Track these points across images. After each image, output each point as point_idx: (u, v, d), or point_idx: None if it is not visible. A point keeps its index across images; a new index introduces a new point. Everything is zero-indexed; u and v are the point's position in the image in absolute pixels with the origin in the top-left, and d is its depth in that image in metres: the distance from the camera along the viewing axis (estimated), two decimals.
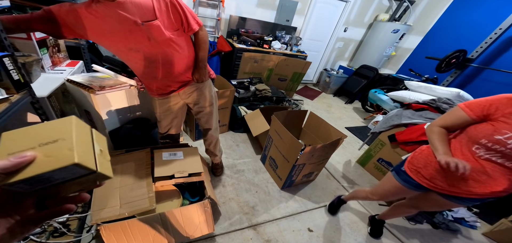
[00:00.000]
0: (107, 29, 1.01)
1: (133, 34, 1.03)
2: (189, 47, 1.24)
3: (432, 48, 4.11)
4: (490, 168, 0.95)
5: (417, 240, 1.79)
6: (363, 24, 4.71)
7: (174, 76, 1.25)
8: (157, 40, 1.06)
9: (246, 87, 2.92)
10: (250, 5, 3.68)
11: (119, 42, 1.06)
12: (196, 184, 1.54)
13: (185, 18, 1.11)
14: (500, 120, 0.91)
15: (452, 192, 1.07)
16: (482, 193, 0.99)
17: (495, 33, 3.12)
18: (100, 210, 1.06)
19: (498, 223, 1.91)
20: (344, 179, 2.35)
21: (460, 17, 3.81)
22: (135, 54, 1.11)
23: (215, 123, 1.63)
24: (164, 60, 1.15)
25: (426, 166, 1.14)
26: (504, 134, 0.88)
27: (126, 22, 0.99)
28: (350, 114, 4.10)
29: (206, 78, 1.38)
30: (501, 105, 0.91)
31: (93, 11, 0.97)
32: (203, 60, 1.29)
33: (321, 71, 5.14)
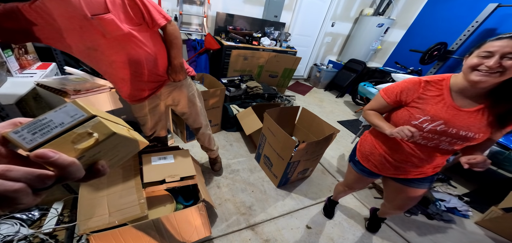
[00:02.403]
0: (58, 28, 0.92)
1: (85, 30, 0.94)
2: (158, 44, 1.15)
3: (415, 41, 4.21)
4: (417, 150, 1.00)
5: (413, 231, 1.81)
6: (350, 19, 4.76)
7: (145, 77, 1.15)
8: (113, 35, 0.96)
9: (237, 85, 2.86)
10: (237, 1, 3.61)
11: (76, 42, 0.97)
12: (190, 187, 1.48)
13: (146, 12, 1.02)
14: (412, 106, 0.96)
15: (399, 174, 1.13)
16: (419, 172, 1.08)
17: (472, 26, 3.24)
18: (88, 220, 0.99)
19: (488, 211, 1.97)
20: (339, 173, 2.35)
21: (440, 11, 3.92)
22: (95, 54, 1.02)
23: (204, 120, 1.58)
24: (129, 59, 1.05)
25: (372, 153, 1.19)
26: (418, 119, 0.93)
27: (74, 17, 0.90)
28: (342, 108, 4.13)
29: (183, 77, 1.28)
30: (409, 91, 0.97)
31: (38, 8, 0.88)
32: (176, 58, 1.20)
33: (311, 66, 5.15)
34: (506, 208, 1.85)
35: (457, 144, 0.92)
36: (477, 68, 0.79)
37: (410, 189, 1.17)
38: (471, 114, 0.87)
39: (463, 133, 0.88)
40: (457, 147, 0.94)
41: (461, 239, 1.80)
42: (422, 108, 0.94)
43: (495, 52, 0.75)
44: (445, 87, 0.91)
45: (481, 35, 3.36)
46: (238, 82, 2.89)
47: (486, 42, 0.79)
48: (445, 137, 0.91)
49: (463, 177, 2.48)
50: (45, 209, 1.15)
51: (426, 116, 0.92)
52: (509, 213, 1.82)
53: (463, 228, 1.93)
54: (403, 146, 1.04)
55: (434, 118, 0.91)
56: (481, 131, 0.86)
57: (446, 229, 1.88)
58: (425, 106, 0.93)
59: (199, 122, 1.55)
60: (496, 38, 0.76)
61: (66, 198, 1.25)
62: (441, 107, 0.90)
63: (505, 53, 0.73)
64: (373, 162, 1.21)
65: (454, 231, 1.88)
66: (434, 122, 0.91)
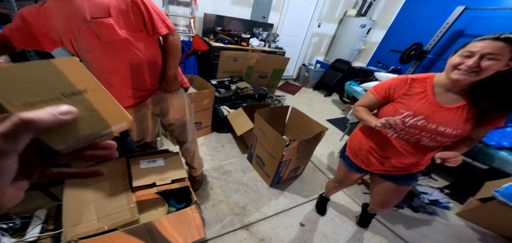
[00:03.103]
0: (58, 29, 0.94)
1: (81, 32, 0.93)
2: (154, 52, 1.12)
3: (395, 41, 4.39)
4: (400, 145, 1.05)
5: (401, 224, 1.87)
6: (335, 20, 4.89)
7: (134, 85, 1.11)
8: (108, 40, 0.95)
9: (227, 87, 2.85)
10: (225, 3, 3.60)
11: (71, 42, 0.97)
12: (182, 190, 1.45)
13: (149, 19, 1.00)
14: (398, 101, 1.02)
15: (385, 170, 1.18)
16: (402, 168, 1.12)
17: (443, 27, 3.44)
18: (75, 226, 0.94)
19: (467, 202, 2.08)
20: (329, 170, 2.40)
21: (415, 12, 4.12)
22: (87, 55, 1.00)
23: (190, 136, 1.49)
24: (119, 65, 1.03)
25: (360, 148, 1.24)
26: (402, 113, 0.99)
27: (75, 18, 0.90)
28: (330, 107, 4.23)
29: (175, 88, 1.23)
30: (396, 87, 1.03)
31: (43, 10, 0.91)
32: (172, 69, 1.16)
33: (300, 66, 5.23)
34: (482, 199, 1.96)
35: (436, 139, 0.96)
36: (457, 67, 0.84)
37: (394, 185, 1.22)
38: (451, 111, 0.91)
39: (442, 129, 0.92)
40: (438, 143, 0.98)
41: (444, 231, 1.89)
42: (406, 104, 0.99)
43: (476, 52, 0.80)
44: (429, 85, 0.96)
45: (452, 37, 3.58)
46: (228, 83, 2.88)
47: (470, 42, 0.84)
48: (425, 131, 0.96)
49: (443, 170, 2.62)
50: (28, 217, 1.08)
51: (409, 111, 0.97)
52: (485, 203, 1.92)
53: (446, 219, 2.02)
54: (388, 141, 1.09)
55: (416, 113, 0.96)
56: (459, 128, 0.90)
57: (430, 221, 1.97)
58: (409, 102, 0.99)
59: (185, 135, 1.47)
60: (479, 39, 0.81)
61: (49, 205, 1.18)
62: (423, 103, 0.96)
63: (485, 54, 0.78)
64: (360, 157, 1.26)
65: (438, 223, 1.97)
66: (416, 116, 0.96)
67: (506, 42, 0.75)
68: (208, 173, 2.01)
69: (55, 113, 0.22)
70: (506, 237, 1.90)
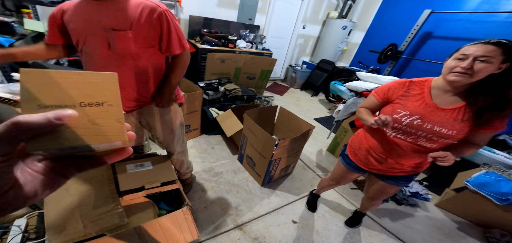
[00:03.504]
0: (73, 28, 0.95)
1: (94, 38, 0.93)
2: (157, 66, 1.09)
3: (373, 42, 4.58)
4: (398, 144, 1.10)
5: (387, 217, 1.95)
6: (318, 21, 5.03)
7: (124, 94, 1.07)
8: (119, 51, 0.95)
9: (215, 88, 2.83)
10: (211, 5, 3.59)
11: (78, 43, 0.98)
12: (172, 193, 1.42)
13: (166, 38, 0.99)
14: (396, 102, 1.08)
15: (382, 170, 1.22)
16: (399, 168, 1.16)
17: (414, 29, 3.65)
18: (58, 234, 0.89)
19: (444, 193, 2.20)
20: (318, 168, 2.45)
21: (390, 15, 4.34)
22: (86, 59, 1.00)
23: (178, 148, 1.45)
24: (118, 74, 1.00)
25: (360, 147, 1.29)
26: (399, 113, 1.04)
27: (95, 25, 0.91)
28: (317, 106, 4.32)
29: (168, 104, 1.18)
30: (395, 89, 1.09)
31: (76, 12, 0.94)
32: (170, 86, 1.13)
33: (287, 67, 5.31)
34: (457, 189, 2.09)
35: (432, 139, 1.00)
36: (453, 69, 0.89)
37: (388, 185, 1.27)
38: (447, 112, 0.95)
39: (437, 129, 0.96)
40: (434, 143, 1.01)
41: (426, 222, 1.99)
42: (403, 104, 1.04)
43: (469, 55, 0.85)
44: (426, 87, 1.02)
45: (422, 38, 3.82)
46: (216, 85, 2.87)
47: (464, 46, 0.89)
48: (421, 131, 1.01)
49: None
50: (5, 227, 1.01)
51: (406, 111, 1.02)
52: (459, 193, 2.05)
53: (426, 210, 2.13)
54: (386, 140, 1.13)
55: (412, 113, 1.00)
56: (455, 128, 0.93)
57: (413, 213, 2.06)
58: (406, 102, 1.04)
59: (172, 148, 1.43)
60: (472, 43, 0.87)
61: (29, 214, 1.11)
62: (419, 104, 1.00)
63: (477, 56, 0.83)
64: (359, 156, 1.29)
65: (419, 214, 2.07)
66: (412, 116, 1.01)
67: (496, 46, 0.81)
68: (199, 175, 1.98)
69: (52, 118, 0.22)
70: (479, 224, 2.03)
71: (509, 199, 1.74)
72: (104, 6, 0.89)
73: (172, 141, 1.38)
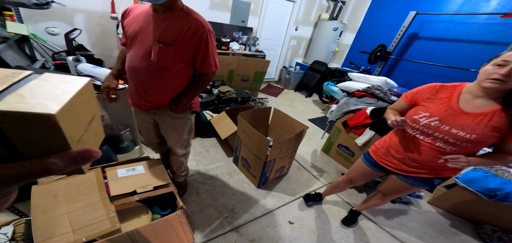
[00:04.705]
0: (129, 30, 1.04)
1: (142, 44, 1.01)
2: (183, 79, 1.15)
3: (363, 43, 4.68)
4: (417, 144, 1.13)
5: (382, 216, 1.96)
6: (310, 23, 5.09)
7: (146, 96, 1.15)
8: (157, 62, 1.01)
9: (208, 91, 2.82)
10: (203, 7, 3.58)
11: (127, 43, 1.08)
12: (166, 196, 1.40)
13: (202, 57, 1.05)
14: (420, 105, 1.12)
15: (401, 169, 1.23)
16: (416, 168, 1.17)
17: (401, 30, 3.76)
18: (47, 240, 0.86)
19: (435, 190, 2.24)
20: (313, 168, 2.46)
21: (378, 16, 4.45)
22: (128, 56, 1.09)
23: (181, 150, 1.46)
24: (146, 81, 1.09)
25: (382, 146, 1.35)
26: (419, 114, 1.08)
27: (148, 33, 0.99)
28: (311, 107, 4.36)
29: (182, 112, 1.24)
30: (423, 92, 1.13)
31: (137, 9, 1.06)
32: (189, 96, 1.19)
33: (280, 68, 5.34)
34: (447, 185, 2.12)
35: (450, 142, 1.00)
36: (490, 76, 0.88)
37: (404, 184, 1.26)
38: (471, 116, 0.94)
39: (455, 131, 0.97)
40: (453, 146, 1.01)
41: (419, 219, 2.02)
42: (426, 106, 1.07)
43: (510, 62, 0.83)
44: (456, 92, 1.02)
45: (409, 39, 3.94)
46: (210, 88, 2.86)
47: (504, 52, 0.88)
48: (438, 132, 1.02)
49: None
50: None
51: (426, 112, 1.05)
52: (450, 190, 2.09)
53: (419, 207, 2.16)
54: (405, 139, 1.18)
55: (432, 115, 1.03)
56: (475, 132, 0.93)
57: (406, 211, 2.09)
58: (430, 105, 1.07)
59: (175, 150, 1.45)
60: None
61: (16, 221, 1.07)
62: (442, 107, 1.02)
63: None
64: (379, 154, 1.33)
65: (413, 212, 2.09)
66: (431, 118, 1.04)
67: None
68: (194, 178, 1.95)
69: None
70: (471, 220, 2.07)
71: (497, 195, 1.76)
72: (162, 20, 0.97)
73: (177, 143, 1.41)
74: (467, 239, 1.90)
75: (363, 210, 1.77)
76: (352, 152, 2.42)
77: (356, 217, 1.82)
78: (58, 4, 2.34)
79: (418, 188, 1.24)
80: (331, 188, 1.80)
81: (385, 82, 2.60)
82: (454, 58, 3.36)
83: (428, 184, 1.20)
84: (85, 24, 2.71)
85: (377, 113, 2.13)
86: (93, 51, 2.67)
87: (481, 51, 3.15)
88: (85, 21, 2.71)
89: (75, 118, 0.24)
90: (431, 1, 3.62)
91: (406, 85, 2.69)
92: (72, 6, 2.53)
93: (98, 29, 2.84)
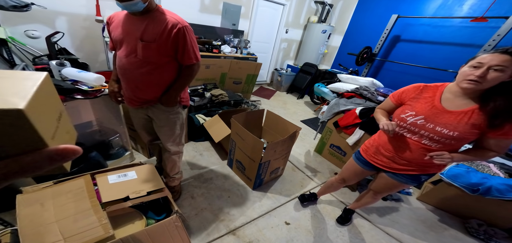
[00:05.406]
0: (115, 36, 1.17)
1: (128, 45, 1.12)
2: (169, 73, 1.23)
3: (351, 45, 4.81)
4: (404, 142, 1.18)
5: (375, 214, 2.00)
6: (300, 26, 5.17)
7: (138, 93, 1.25)
8: (142, 58, 1.12)
9: (200, 94, 2.79)
10: (193, 11, 3.56)
11: (116, 47, 1.21)
12: (160, 201, 1.36)
13: (181, 51, 1.15)
14: (407, 104, 1.17)
15: (390, 167, 1.27)
16: (405, 166, 1.21)
17: (385, 33, 3.92)
18: None
19: (423, 187, 2.31)
20: (307, 168, 2.48)
21: (363, 19, 4.61)
22: (117, 60, 1.21)
23: (173, 147, 1.51)
24: (136, 77, 1.18)
25: (372, 145, 1.39)
26: (406, 113, 1.13)
27: (131, 35, 1.11)
28: (303, 108, 4.40)
29: (172, 105, 1.32)
30: (408, 93, 1.18)
31: (117, 22, 1.17)
32: (177, 89, 1.27)
33: (272, 71, 5.38)
34: (434, 182, 2.19)
35: (435, 139, 1.05)
36: (467, 77, 0.93)
37: (395, 182, 1.29)
38: (453, 115, 0.99)
39: (439, 129, 1.02)
40: (438, 144, 1.05)
41: (410, 215, 2.07)
42: (412, 105, 1.12)
43: (485, 63, 0.88)
44: (439, 92, 1.07)
45: (392, 41, 4.10)
46: (202, 91, 2.82)
47: (479, 54, 0.93)
48: (424, 130, 1.07)
49: None
50: None
51: (412, 111, 1.11)
52: (436, 186, 2.15)
53: (409, 204, 2.22)
54: (394, 138, 1.21)
55: (418, 113, 1.08)
56: (457, 130, 0.98)
57: (397, 208, 2.13)
58: (415, 104, 1.12)
59: (167, 147, 1.49)
60: (489, 53, 0.90)
61: (1, 231, 1.02)
62: (426, 106, 1.07)
63: (492, 65, 0.86)
64: (370, 153, 1.37)
65: (404, 208, 2.15)
66: (417, 116, 1.09)
67: (511, 56, 0.84)
68: (188, 183, 1.92)
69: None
70: (458, 215, 2.14)
71: (479, 189, 1.83)
72: (141, 21, 1.08)
73: (170, 138, 1.46)
74: (456, 234, 1.95)
75: (356, 209, 1.80)
76: (344, 152, 2.47)
77: (350, 215, 1.84)
78: (39, 6, 2.25)
79: (407, 185, 1.28)
80: (325, 187, 1.82)
81: (372, 83, 2.69)
82: (433, 60, 3.54)
83: (416, 180, 1.24)
84: (68, 27, 2.61)
85: (365, 113, 2.18)
86: (77, 55, 2.57)
87: (457, 53, 3.32)
88: (68, 24, 2.61)
89: (43, 114, 0.23)
90: (411, 5, 3.79)
91: (392, 86, 2.78)
92: (54, 8, 2.43)
93: (83, 32, 2.75)
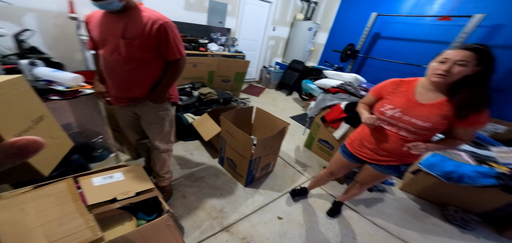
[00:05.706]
0: (95, 36, 1.15)
1: (110, 44, 1.11)
2: (155, 69, 1.22)
3: (336, 42, 4.93)
4: (385, 134, 1.23)
5: (362, 205, 2.07)
6: (286, 23, 5.21)
7: (125, 91, 1.24)
8: (125, 55, 1.11)
9: (188, 93, 2.74)
10: (178, 8, 3.48)
11: (98, 47, 1.18)
12: (150, 201, 1.32)
13: (164, 46, 1.14)
14: (385, 98, 1.23)
15: (373, 159, 1.33)
16: (387, 157, 1.27)
17: (366, 30, 4.06)
18: None
19: (404, 177, 2.41)
20: (297, 163, 2.51)
21: (346, 17, 4.74)
22: (101, 60, 1.19)
23: (162, 145, 1.49)
24: (121, 76, 1.17)
25: (356, 138, 1.43)
26: (385, 107, 1.19)
27: (111, 34, 1.09)
28: (292, 105, 4.45)
29: (161, 101, 1.31)
30: (386, 87, 1.25)
31: (95, 22, 1.15)
32: (165, 86, 1.27)
33: (261, 68, 5.38)
34: (413, 171, 2.28)
35: (411, 131, 1.12)
36: (435, 71, 1.01)
37: (378, 172, 1.35)
38: (426, 107, 1.07)
39: (414, 120, 1.09)
40: (414, 135, 1.12)
41: (394, 205, 2.16)
42: (390, 99, 1.19)
43: (450, 59, 0.96)
44: (412, 86, 1.15)
45: (373, 38, 4.27)
46: (190, 90, 2.78)
47: (445, 50, 1.01)
48: (401, 122, 1.14)
49: None
50: None
51: (390, 105, 1.17)
52: (416, 175, 2.25)
53: (393, 194, 2.31)
54: (375, 130, 1.27)
55: (395, 107, 1.15)
56: (430, 121, 1.05)
57: (382, 198, 2.22)
58: (393, 98, 1.18)
59: (156, 144, 1.47)
60: (453, 49, 0.98)
61: None
62: (402, 99, 1.14)
63: (456, 60, 0.94)
64: (354, 146, 1.42)
65: (388, 199, 2.23)
66: (394, 109, 1.15)
67: (471, 51, 0.92)
68: (179, 182, 1.89)
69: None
70: (437, 203, 2.24)
71: (452, 177, 1.94)
72: (120, 19, 1.07)
73: (159, 135, 1.44)
74: (436, 221, 2.06)
75: (345, 200, 1.85)
76: (331, 146, 2.53)
77: (339, 207, 1.90)
78: (3, 2, 2.09)
79: (389, 175, 1.36)
80: (315, 181, 1.86)
81: (355, 78, 2.78)
82: (410, 56, 3.72)
83: (396, 170, 1.31)
84: (38, 24, 2.44)
85: (350, 107, 2.25)
86: (50, 53, 2.42)
87: (430, 49, 3.54)
88: (38, 21, 2.43)
89: (6, 109, 0.22)
90: (389, 4, 3.96)
91: (374, 81, 2.86)
92: (21, 4, 2.27)
93: (55, 30, 2.59)
